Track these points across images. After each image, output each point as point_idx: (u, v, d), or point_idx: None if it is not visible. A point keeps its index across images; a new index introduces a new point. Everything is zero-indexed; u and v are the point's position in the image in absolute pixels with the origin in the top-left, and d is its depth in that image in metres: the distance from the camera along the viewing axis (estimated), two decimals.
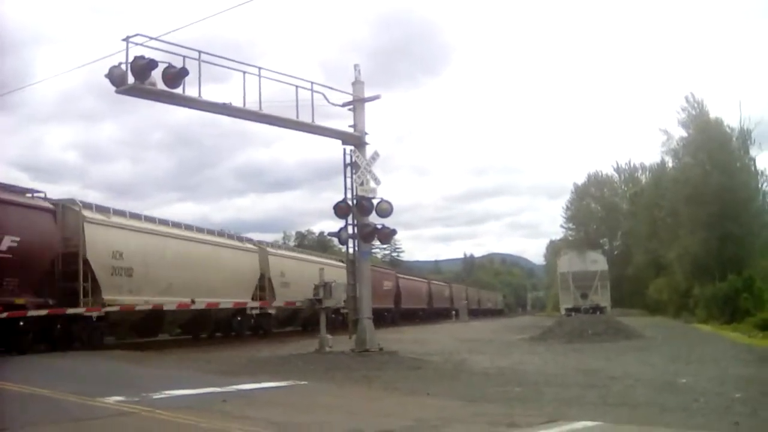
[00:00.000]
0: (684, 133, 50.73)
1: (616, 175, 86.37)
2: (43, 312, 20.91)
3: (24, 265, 20.65)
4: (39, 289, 21.77)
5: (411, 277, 65.59)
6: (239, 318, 31.49)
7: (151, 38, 16.21)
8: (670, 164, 57.91)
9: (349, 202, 19.58)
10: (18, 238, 20.41)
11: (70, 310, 21.92)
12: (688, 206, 46.47)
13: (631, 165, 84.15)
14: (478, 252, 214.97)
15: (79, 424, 9.13)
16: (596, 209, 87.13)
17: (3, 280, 20.25)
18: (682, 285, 50.23)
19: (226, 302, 28.95)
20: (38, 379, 13.49)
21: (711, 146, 45.86)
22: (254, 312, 32.28)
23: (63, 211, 23.19)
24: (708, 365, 16.44)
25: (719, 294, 39.78)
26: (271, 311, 33.65)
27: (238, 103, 17.85)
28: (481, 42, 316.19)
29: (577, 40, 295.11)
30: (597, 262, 53.66)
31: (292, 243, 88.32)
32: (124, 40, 15.71)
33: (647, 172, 77.60)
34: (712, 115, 49.21)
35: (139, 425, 8.92)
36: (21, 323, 20.34)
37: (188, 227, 30.76)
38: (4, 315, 19.80)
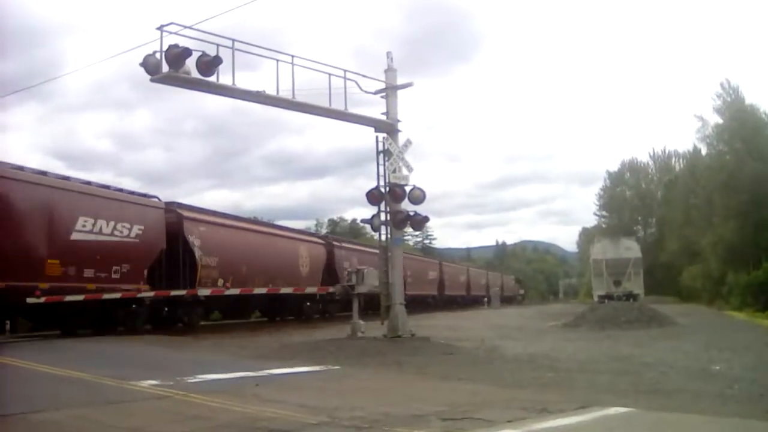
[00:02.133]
0: (719, 120, 50.21)
1: (651, 162, 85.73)
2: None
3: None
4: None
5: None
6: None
7: (185, 27, 16.33)
8: (705, 151, 57.34)
9: (382, 189, 19.60)
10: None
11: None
12: (723, 194, 45.97)
13: (666, 152, 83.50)
14: (510, 239, 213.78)
15: (114, 406, 9.27)
16: (630, 196, 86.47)
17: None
18: (716, 272, 49.72)
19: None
20: (75, 362, 13.73)
21: (746, 133, 45.29)
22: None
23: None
24: (742, 353, 16.32)
25: (754, 281, 39.38)
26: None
27: (270, 90, 17.93)
28: (513, 28, 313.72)
29: (611, 26, 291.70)
30: (630, 249, 53.17)
31: (324, 230, 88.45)
32: (158, 29, 15.84)
33: (681, 160, 76.91)
34: (748, 101, 48.64)
35: (174, 408, 9.03)
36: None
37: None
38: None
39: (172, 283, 24.43)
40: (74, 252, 20.59)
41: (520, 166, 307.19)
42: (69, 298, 20.12)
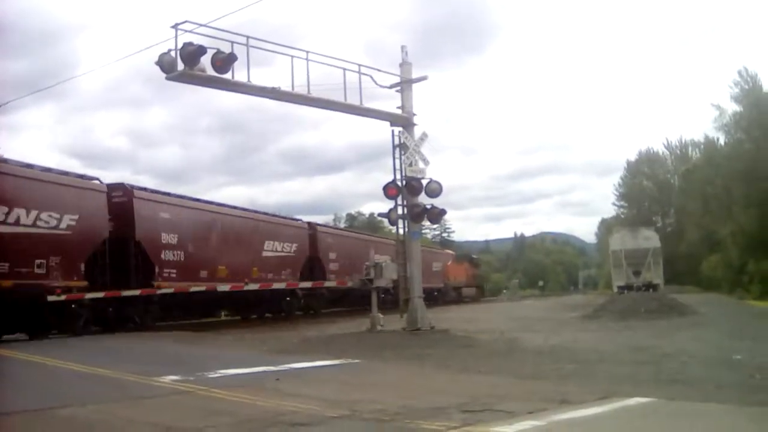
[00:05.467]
0: (737, 108, 49.78)
1: (668, 152, 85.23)
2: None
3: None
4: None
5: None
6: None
7: (200, 25, 16.41)
8: (723, 140, 56.94)
9: (399, 183, 19.64)
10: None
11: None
12: (742, 182, 45.61)
13: (683, 142, 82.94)
14: (529, 231, 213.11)
15: (137, 401, 9.37)
16: (648, 186, 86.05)
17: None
18: (736, 261, 49.40)
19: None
20: (97, 359, 13.88)
21: (765, 121, 44.89)
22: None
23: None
24: (763, 342, 16.26)
25: None
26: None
27: (285, 86, 18.00)
28: (526, 19, 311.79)
29: (625, 15, 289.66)
30: (650, 239, 52.95)
31: (342, 224, 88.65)
32: (173, 27, 15.96)
33: (699, 149, 76.39)
34: (766, 88, 48.18)
35: (196, 403, 9.13)
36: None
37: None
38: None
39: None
40: None
41: (537, 157, 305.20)
42: None
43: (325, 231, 38.84)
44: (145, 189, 26.62)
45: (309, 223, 37.61)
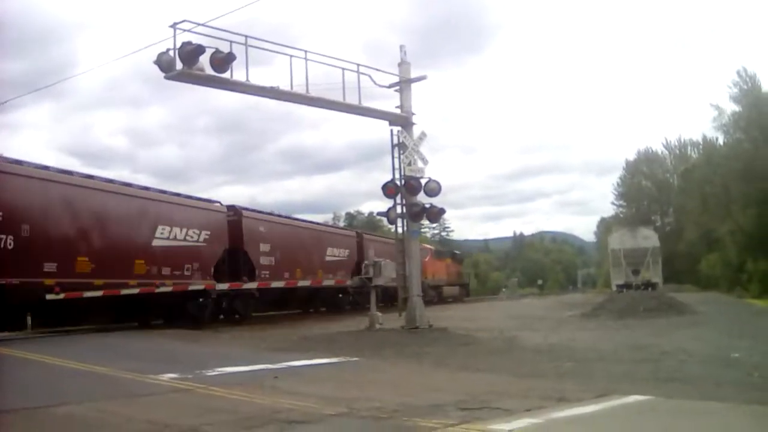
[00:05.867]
0: (736, 108, 49.84)
1: (667, 152, 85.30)
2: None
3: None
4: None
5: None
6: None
7: (198, 24, 16.41)
8: (722, 140, 57.02)
9: (398, 182, 19.65)
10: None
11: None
12: (741, 182, 45.72)
13: (682, 141, 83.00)
14: (528, 230, 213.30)
15: (135, 399, 9.36)
16: (647, 186, 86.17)
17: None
18: (735, 260, 49.55)
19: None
20: (94, 356, 13.87)
21: (763, 121, 44.96)
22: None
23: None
24: (762, 340, 16.27)
25: None
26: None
27: (284, 86, 18.01)
28: (525, 18, 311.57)
29: (624, 15, 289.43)
30: (648, 238, 53.06)
31: (342, 223, 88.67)
32: (171, 26, 15.98)
33: (698, 148, 76.40)
34: (765, 89, 48.25)
35: (194, 401, 9.12)
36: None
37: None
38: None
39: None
40: None
41: (536, 156, 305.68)
42: None
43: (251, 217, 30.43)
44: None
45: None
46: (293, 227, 34.13)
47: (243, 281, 26.89)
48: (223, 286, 25.30)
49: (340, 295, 35.22)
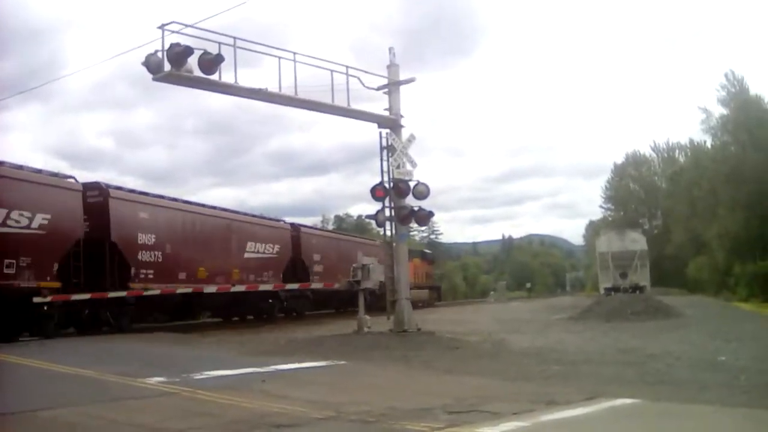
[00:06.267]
0: (724, 111, 49.99)
1: (655, 155, 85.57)
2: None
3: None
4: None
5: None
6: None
7: (187, 25, 16.37)
8: (709, 143, 57.24)
9: (386, 185, 19.61)
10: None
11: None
12: (728, 185, 45.81)
13: (670, 144, 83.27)
14: (516, 233, 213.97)
15: (121, 403, 9.33)
16: (635, 189, 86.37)
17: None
18: (722, 264, 49.61)
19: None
20: (82, 360, 13.81)
21: (751, 124, 45.04)
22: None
23: None
24: (749, 343, 16.30)
25: (760, 272, 39.39)
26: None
27: (273, 88, 17.96)
28: (513, 21, 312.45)
29: (612, 17, 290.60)
30: (636, 241, 53.07)
31: (330, 226, 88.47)
32: (159, 27, 15.91)
33: (686, 151, 76.68)
34: (752, 92, 48.43)
35: (181, 405, 9.08)
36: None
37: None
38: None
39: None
40: None
41: (524, 159, 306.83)
42: None
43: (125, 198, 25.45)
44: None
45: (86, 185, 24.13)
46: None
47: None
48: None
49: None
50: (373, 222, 22.61)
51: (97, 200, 23.28)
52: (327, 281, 31.34)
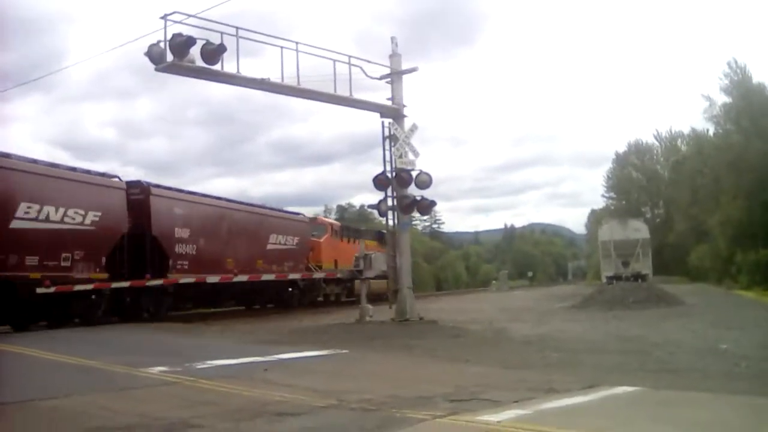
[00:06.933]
0: (726, 100, 49.86)
1: (657, 143, 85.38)
2: None
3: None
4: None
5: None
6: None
7: (189, 15, 16.37)
8: (712, 131, 57.09)
9: (388, 175, 19.62)
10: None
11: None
12: (731, 173, 45.74)
13: (672, 132, 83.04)
14: (518, 222, 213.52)
15: (124, 392, 9.34)
16: (637, 178, 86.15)
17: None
18: (725, 252, 49.58)
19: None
20: (85, 350, 13.86)
21: (754, 112, 44.92)
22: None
23: None
24: (750, 331, 16.34)
25: (762, 260, 39.45)
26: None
27: (275, 77, 17.97)
28: (515, 8, 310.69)
29: (616, 5, 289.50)
30: (639, 230, 53.05)
31: (333, 216, 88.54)
32: (162, 18, 15.94)
33: (687, 140, 76.44)
34: (755, 80, 48.29)
35: (184, 394, 9.10)
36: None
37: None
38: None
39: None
40: None
41: (526, 148, 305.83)
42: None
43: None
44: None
45: None
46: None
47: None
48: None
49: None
50: (375, 211, 22.62)
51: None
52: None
